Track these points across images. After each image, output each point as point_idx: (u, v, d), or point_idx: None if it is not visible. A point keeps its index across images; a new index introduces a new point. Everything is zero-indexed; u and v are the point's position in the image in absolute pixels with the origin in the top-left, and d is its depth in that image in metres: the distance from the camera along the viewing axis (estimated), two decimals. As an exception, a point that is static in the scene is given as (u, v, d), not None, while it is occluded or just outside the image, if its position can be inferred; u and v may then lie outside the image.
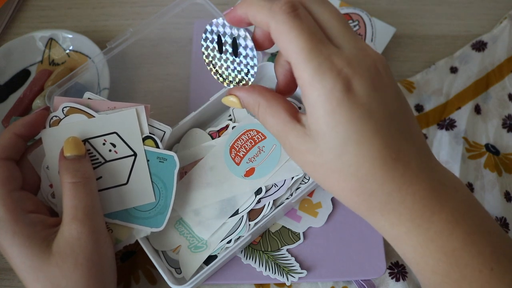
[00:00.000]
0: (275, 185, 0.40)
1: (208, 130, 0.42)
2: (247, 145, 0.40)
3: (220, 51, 0.31)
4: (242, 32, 0.30)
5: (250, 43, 0.30)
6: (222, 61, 0.32)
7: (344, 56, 0.25)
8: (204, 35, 0.31)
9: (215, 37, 0.31)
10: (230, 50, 0.31)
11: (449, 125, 0.47)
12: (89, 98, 0.37)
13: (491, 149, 0.46)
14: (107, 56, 0.45)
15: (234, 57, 0.31)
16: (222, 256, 0.37)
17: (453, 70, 0.50)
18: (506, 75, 0.49)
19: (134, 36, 0.44)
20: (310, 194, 0.42)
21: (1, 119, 0.47)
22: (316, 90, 0.25)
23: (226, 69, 0.32)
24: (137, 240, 0.37)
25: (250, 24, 0.29)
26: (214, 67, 0.32)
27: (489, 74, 0.49)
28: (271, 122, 0.28)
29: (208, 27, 0.31)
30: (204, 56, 0.32)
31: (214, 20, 0.30)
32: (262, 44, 0.30)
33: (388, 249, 0.41)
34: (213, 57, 0.32)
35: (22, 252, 0.31)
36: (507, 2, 0.53)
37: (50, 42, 0.50)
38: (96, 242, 0.32)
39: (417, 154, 0.26)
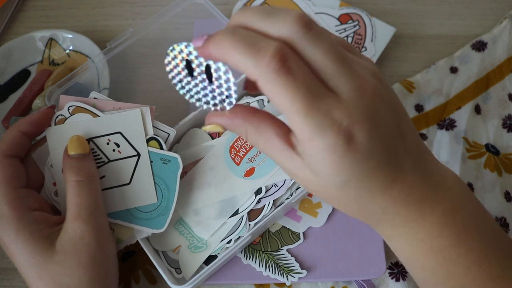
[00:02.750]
0: (275, 185, 0.40)
1: (208, 130, 0.42)
2: (247, 145, 0.40)
3: (191, 74, 0.27)
4: (220, 65, 0.26)
5: (229, 76, 0.26)
6: (193, 84, 0.28)
7: (342, 106, 0.24)
8: (169, 56, 0.27)
9: (183, 62, 0.27)
10: (203, 76, 0.27)
11: (449, 125, 0.47)
12: (95, 98, 0.37)
13: (491, 149, 0.46)
14: (107, 56, 0.45)
15: (208, 82, 0.27)
16: (222, 256, 0.37)
17: (453, 70, 0.50)
18: (506, 75, 0.49)
19: (134, 36, 0.44)
20: (310, 194, 0.42)
21: (1, 119, 0.47)
22: (316, 146, 0.24)
23: (198, 91, 0.28)
24: (137, 240, 0.37)
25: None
26: (184, 87, 0.28)
27: (489, 74, 0.49)
28: (263, 147, 0.27)
29: (174, 50, 0.27)
30: (170, 75, 0.28)
31: (182, 45, 0.26)
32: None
33: (388, 249, 0.41)
34: (182, 79, 0.28)
35: (25, 249, 0.31)
36: (507, 2, 0.53)
37: (50, 42, 0.50)
38: (99, 240, 0.32)
39: (413, 163, 0.27)
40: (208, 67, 0.26)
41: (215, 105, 0.28)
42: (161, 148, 0.37)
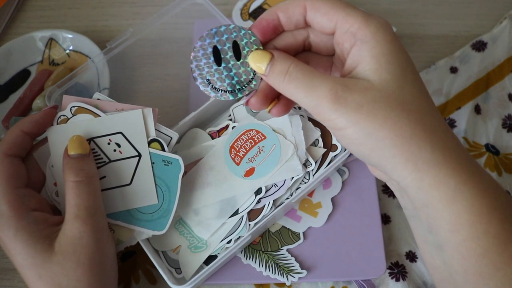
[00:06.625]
0: (275, 185, 0.40)
1: (208, 130, 0.42)
2: (247, 145, 0.40)
3: (218, 63, 0.31)
4: (243, 31, 0.30)
5: (255, 39, 0.30)
6: (218, 73, 0.31)
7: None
8: (197, 48, 0.31)
9: (210, 49, 0.30)
10: (228, 56, 0.30)
11: (449, 125, 0.47)
12: (98, 99, 0.37)
13: (491, 149, 0.46)
14: (107, 56, 0.44)
15: (236, 62, 0.30)
16: (222, 256, 0.37)
17: (453, 70, 0.50)
18: (506, 75, 0.49)
19: (134, 36, 0.44)
20: (310, 194, 0.42)
21: (1, 119, 0.47)
22: (373, 24, 0.28)
23: (224, 80, 0.31)
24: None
25: (276, 30, 0.31)
26: (210, 83, 0.31)
27: (489, 74, 0.49)
28: (309, 72, 0.28)
29: (201, 41, 0.30)
30: (197, 74, 0.31)
31: (207, 32, 0.30)
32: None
33: (388, 249, 0.41)
34: (208, 72, 0.31)
35: (24, 249, 0.31)
36: (507, 2, 0.53)
37: (50, 42, 0.50)
38: (98, 241, 0.32)
39: None
40: (235, 45, 0.30)
41: (240, 88, 0.31)
42: (163, 149, 0.36)
